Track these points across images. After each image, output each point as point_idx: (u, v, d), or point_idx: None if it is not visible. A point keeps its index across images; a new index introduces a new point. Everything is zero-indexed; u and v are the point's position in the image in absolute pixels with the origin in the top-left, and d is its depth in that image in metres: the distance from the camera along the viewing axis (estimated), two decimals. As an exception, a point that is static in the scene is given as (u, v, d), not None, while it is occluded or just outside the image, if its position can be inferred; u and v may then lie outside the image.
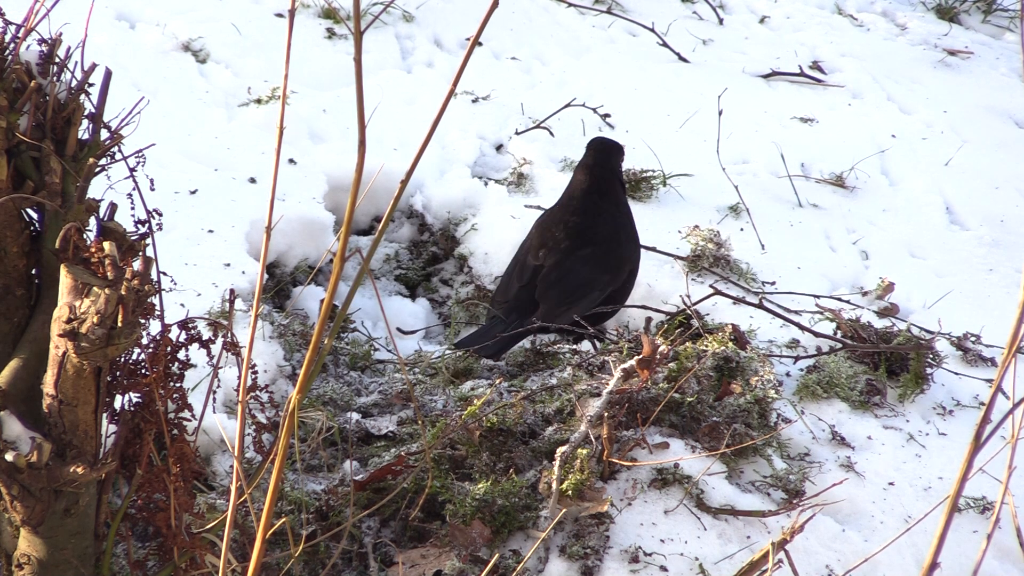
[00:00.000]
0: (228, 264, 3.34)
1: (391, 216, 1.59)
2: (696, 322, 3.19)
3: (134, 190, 1.97)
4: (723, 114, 4.29)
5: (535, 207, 3.88)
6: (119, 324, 1.67)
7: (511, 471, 2.58)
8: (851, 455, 2.86)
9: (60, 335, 1.69)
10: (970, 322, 3.52)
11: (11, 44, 1.85)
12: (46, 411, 1.79)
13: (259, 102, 4.26)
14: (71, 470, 1.77)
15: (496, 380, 2.95)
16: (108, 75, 1.95)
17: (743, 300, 3.38)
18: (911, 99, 5.25)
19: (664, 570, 2.45)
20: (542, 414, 2.78)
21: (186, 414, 1.98)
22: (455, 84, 1.45)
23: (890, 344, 3.18)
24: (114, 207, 1.95)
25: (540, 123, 4.42)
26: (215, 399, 2.08)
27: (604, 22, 5.49)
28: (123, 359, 1.89)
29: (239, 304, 3.17)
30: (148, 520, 2.00)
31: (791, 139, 4.67)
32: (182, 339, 1.96)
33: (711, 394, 2.85)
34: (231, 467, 2.63)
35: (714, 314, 3.38)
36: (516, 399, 2.77)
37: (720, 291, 3.37)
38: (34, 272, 1.95)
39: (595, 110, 4.54)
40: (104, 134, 1.95)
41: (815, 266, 3.86)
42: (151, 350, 1.90)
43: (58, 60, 1.89)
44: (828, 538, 2.61)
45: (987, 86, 5.51)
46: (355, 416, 2.89)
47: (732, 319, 3.31)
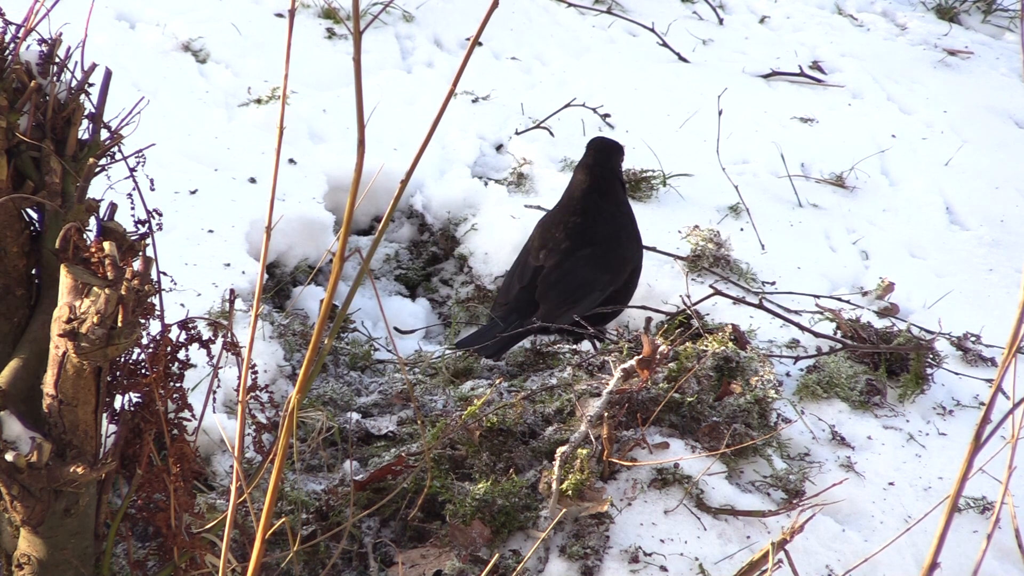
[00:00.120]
0: (228, 264, 3.34)
1: (391, 216, 1.59)
2: (696, 322, 3.19)
3: (134, 190, 1.97)
4: (723, 114, 4.29)
5: (535, 207, 3.88)
6: (119, 324, 1.67)
7: (511, 471, 2.58)
8: (851, 455, 2.86)
9: (60, 335, 1.69)
10: (970, 322, 3.52)
11: (11, 44, 1.85)
12: (46, 411, 1.79)
13: (259, 102, 4.26)
14: (71, 470, 1.77)
15: (496, 380, 2.95)
16: (108, 75, 1.95)
17: (743, 300, 3.38)
18: (911, 99, 5.25)
19: (664, 570, 2.45)
20: (542, 414, 2.78)
21: (186, 414, 1.98)
22: (455, 84, 1.45)
23: (890, 344, 3.18)
24: (114, 207, 1.95)
25: (540, 123, 4.42)
26: (215, 399, 2.08)
27: (604, 22, 5.49)
28: (123, 359, 1.89)
29: (239, 304, 3.17)
30: (148, 520, 2.00)
31: (791, 139, 4.67)
32: (182, 339, 1.96)
33: (711, 394, 2.85)
34: (231, 467, 2.63)
35: (714, 314, 3.38)
36: (516, 399, 2.77)
37: (720, 291, 3.37)
38: (34, 272, 1.95)
39: (595, 110, 4.54)
40: (104, 134, 1.95)
41: (815, 266, 3.86)
42: (151, 350, 1.90)
43: (58, 60, 1.89)
44: (828, 538, 2.61)
45: (987, 86, 5.51)
46: (355, 416, 2.89)
47: (732, 319, 3.31)
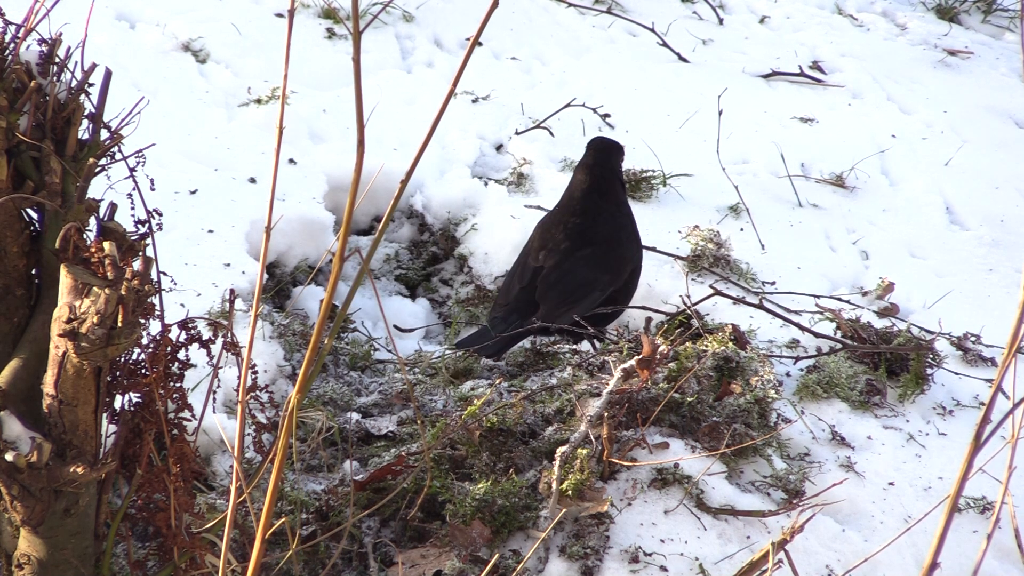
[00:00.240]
0: (228, 264, 3.34)
1: (391, 216, 1.59)
2: (696, 322, 3.19)
3: (134, 190, 1.97)
4: (723, 114, 4.29)
5: (535, 207, 3.88)
6: (119, 324, 1.67)
7: (511, 471, 2.58)
8: (851, 455, 2.86)
9: (60, 335, 1.69)
10: (970, 322, 3.52)
11: (11, 44, 1.85)
12: (46, 411, 1.79)
13: (259, 102, 4.26)
14: (71, 470, 1.77)
15: (496, 380, 2.95)
16: (108, 75, 1.95)
17: (743, 300, 3.38)
18: (911, 99, 5.25)
19: (664, 570, 2.45)
20: (542, 414, 2.78)
21: (186, 414, 1.98)
22: (455, 84, 1.45)
23: (890, 344, 3.18)
24: (114, 207, 1.95)
25: (540, 123, 4.42)
26: (215, 399, 2.08)
27: (604, 22, 5.49)
28: (123, 359, 1.89)
29: (239, 304, 3.17)
30: (148, 520, 2.00)
31: (791, 139, 4.67)
32: (182, 339, 1.96)
33: (711, 394, 2.85)
34: (231, 467, 2.63)
35: (714, 314, 3.38)
36: (516, 399, 2.77)
37: (720, 291, 3.37)
38: (34, 272, 1.95)
39: (595, 110, 4.54)
40: (104, 134, 1.95)
41: (815, 266, 3.86)
42: (151, 350, 1.90)
43: (58, 60, 1.89)
44: (828, 538, 2.61)
45: (987, 86, 5.51)
46: (355, 416, 2.89)
47: (732, 319, 3.31)
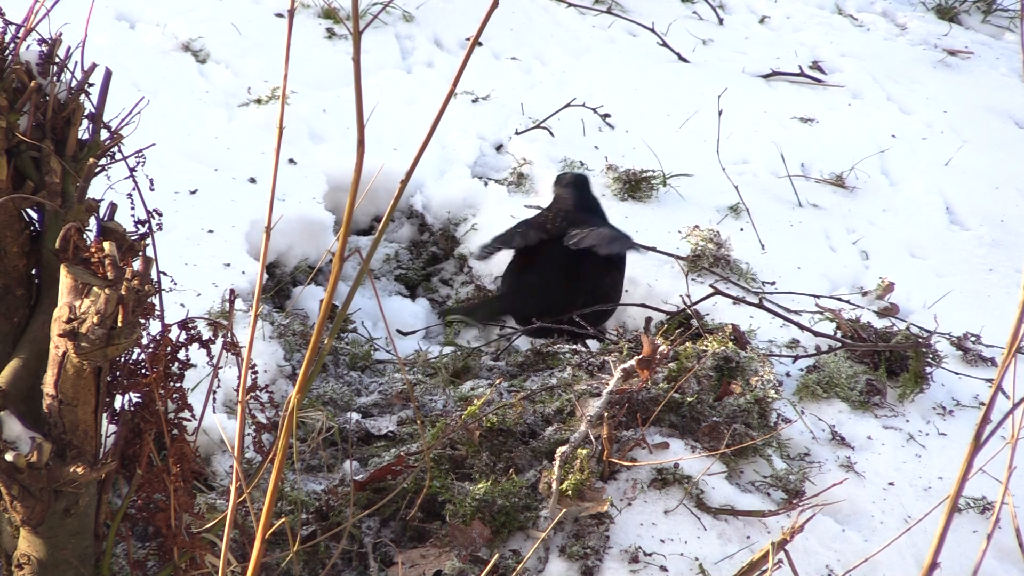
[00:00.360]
0: (228, 264, 3.34)
1: (391, 216, 1.59)
2: (696, 322, 3.19)
3: (134, 190, 1.97)
4: (723, 114, 4.29)
5: (535, 207, 3.88)
6: (119, 324, 1.67)
7: (511, 471, 2.58)
8: (851, 455, 2.86)
9: (60, 335, 1.69)
10: (970, 322, 3.52)
11: (11, 44, 1.85)
12: (46, 411, 1.79)
13: (259, 102, 4.26)
14: (71, 470, 1.77)
15: (496, 380, 2.95)
16: (108, 75, 1.95)
17: (743, 300, 3.38)
18: (911, 99, 5.25)
19: (664, 570, 2.45)
20: (542, 414, 2.78)
21: (186, 414, 1.98)
22: (455, 84, 1.45)
23: (890, 344, 3.18)
24: (114, 207, 1.95)
25: (540, 123, 4.43)
26: (215, 399, 2.08)
27: (604, 22, 5.49)
28: (123, 359, 1.89)
29: (239, 304, 3.17)
30: (148, 520, 2.00)
31: (791, 139, 4.68)
32: (182, 339, 1.96)
33: (711, 394, 2.85)
34: (231, 467, 2.63)
35: (714, 314, 3.39)
36: (516, 399, 2.77)
37: (720, 290, 3.37)
38: (34, 272, 1.95)
39: (595, 110, 4.54)
40: (104, 134, 1.95)
41: (815, 266, 3.86)
42: (151, 350, 1.90)
43: (58, 60, 1.89)
44: (828, 538, 2.61)
45: (987, 86, 5.51)
46: (355, 416, 2.89)
47: (732, 319, 3.31)
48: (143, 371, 1.89)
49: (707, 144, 4.38)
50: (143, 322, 1.74)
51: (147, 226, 1.97)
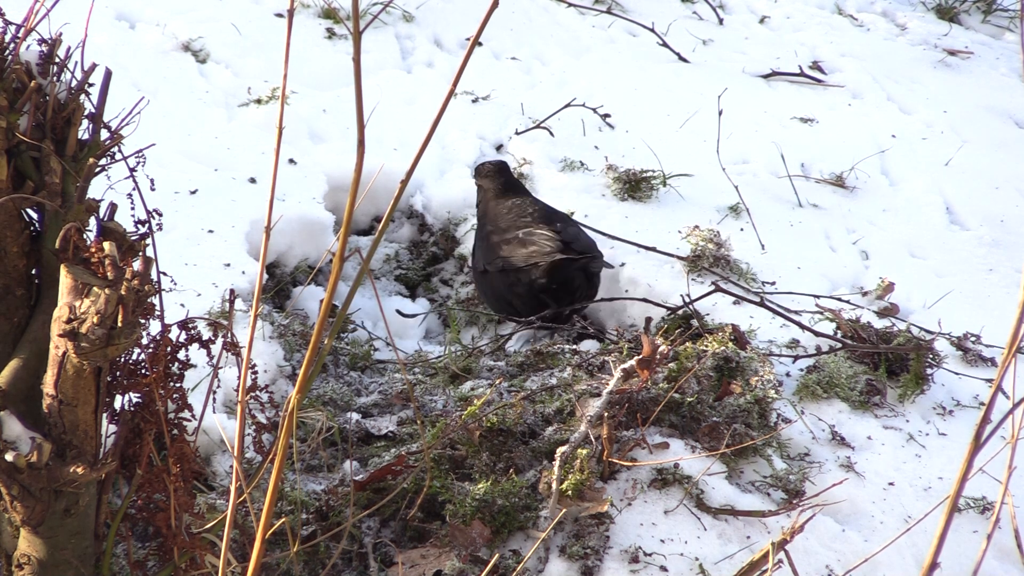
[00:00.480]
0: (228, 264, 3.34)
1: (391, 216, 1.59)
2: (696, 322, 3.19)
3: (134, 190, 1.97)
4: (723, 114, 4.29)
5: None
6: (119, 324, 1.67)
7: (511, 471, 2.58)
8: (851, 455, 2.86)
9: (60, 335, 1.69)
10: (970, 322, 3.52)
11: (11, 44, 1.85)
12: (46, 411, 1.79)
13: (259, 102, 4.26)
14: (71, 470, 1.77)
15: (496, 380, 2.95)
16: (108, 75, 1.95)
17: (743, 299, 3.38)
18: (911, 99, 5.25)
19: (664, 570, 2.45)
20: (542, 414, 2.78)
21: (186, 414, 1.98)
22: (455, 84, 1.45)
23: (890, 344, 3.18)
24: (114, 207, 1.95)
25: (540, 123, 4.42)
26: (215, 399, 2.08)
27: (604, 22, 5.49)
28: (123, 359, 1.89)
29: (239, 304, 3.17)
30: (148, 520, 2.00)
31: (791, 139, 4.68)
32: (182, 339, 1.96)
33: (711, 394, 2.85)
34: (231, 467, 2.63)
35: (714, 314, 3.38)
36: (516, 399, 2.77)
37: (721, 288, 3.37)
38: (34, 272, 1.95)
39: (595, 110, 4.54)
40: (104, 134, 1.95)
41: (815, 266, 3.86)
42: (151, 350, 1.90)
43: (58, 60, 1.89)
44: (828, 538, 2.61)
45: (987, 86, 5.51)
46: (355, 416, 2.89)
47: (732, 319, 3.31)
48: (143, 371, 1.89)
49: (707, 144, 4.38)
50: (143, 322, 1.74)
51: (147, 226, 1.97)
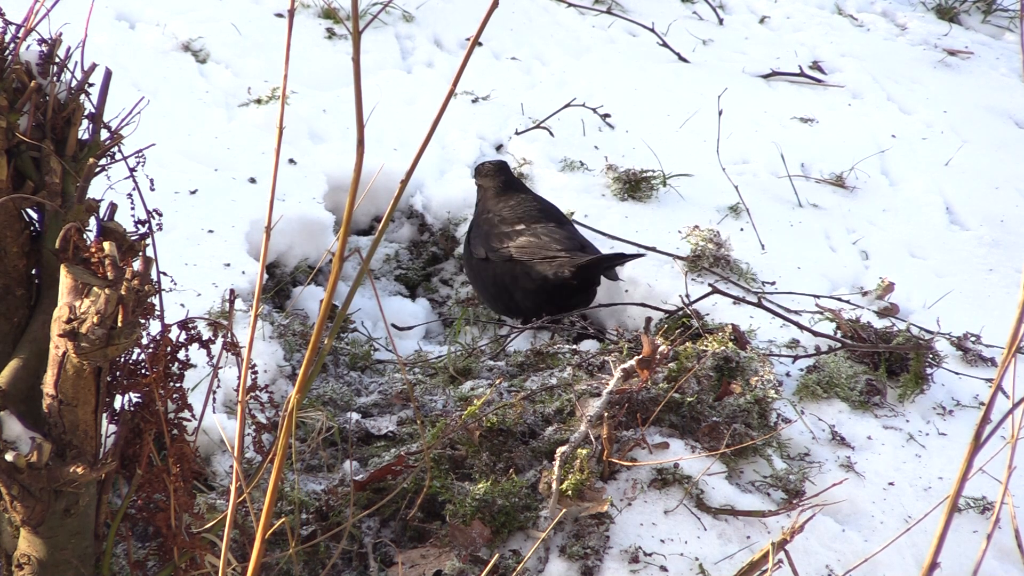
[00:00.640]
0: (228, 264, 3.34)
1: (391, 216, 1.59)
2: (696, 322, 3.19)
3: (134, 190, 1.97)
4: (723, 114, 4.29)
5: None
6: (119, 324, 1.67)
7: (511, 471, 2.58)
8: (851, 455, 2.86)
9: (60, 335, 1.69)
10: (970, 322, 3.52)
11: (11, 44, 1.85)
12: (46, 411, 1.79)
13: (259, 102, 4.26)
14: (71, 470, 1.77)
15: (496, 380, 2.95)
16: (108, 75, 1.95)
17: (743, 299, 3.38)
18: (911, 99, 5.25)
19: (664, 570, 2.45)
20: (542, 414, 2.78)
21: (186, 414, 1.98)
22: (455, 84, 1.45)
23: (890, 344, 3.18)
24: (114, 207, 1.95)
25: (540, 123, 4.42)
26: (215, 399, 2.08)
27: (604, 22, 5.49)
28: (123, 359, 1.89)
29: (239, 304, 3.17)
30: (148, 520, 2.00)
31: (791, 139, 4.68)
32: (182, 339, 1.96)
33: (711, 394, 2.85)
34: (231, 467, 2.63)
35: (714, 314, 3.38)
36: (516, 399, 2.77)
37: (718, 289, 3.37)
38: (34, 272, 1.95)
39: (595, 110, 4.54)
40: (104, 134, 1.95)
41: (815, 266, 3.86)
42: (151, 350, 1.90)
43: (58, 60, 1.89)
44: (828, 538, 2.61)
45: (987, 86, 5.51)
46: (355, 416, 2.89)
47: (732, 319, 3.31)
48: (143, 371, 1.89)
49: (707, 144, 4.38)
50: (143, 322, 1.74)
51: (147, 226, 1.97)
